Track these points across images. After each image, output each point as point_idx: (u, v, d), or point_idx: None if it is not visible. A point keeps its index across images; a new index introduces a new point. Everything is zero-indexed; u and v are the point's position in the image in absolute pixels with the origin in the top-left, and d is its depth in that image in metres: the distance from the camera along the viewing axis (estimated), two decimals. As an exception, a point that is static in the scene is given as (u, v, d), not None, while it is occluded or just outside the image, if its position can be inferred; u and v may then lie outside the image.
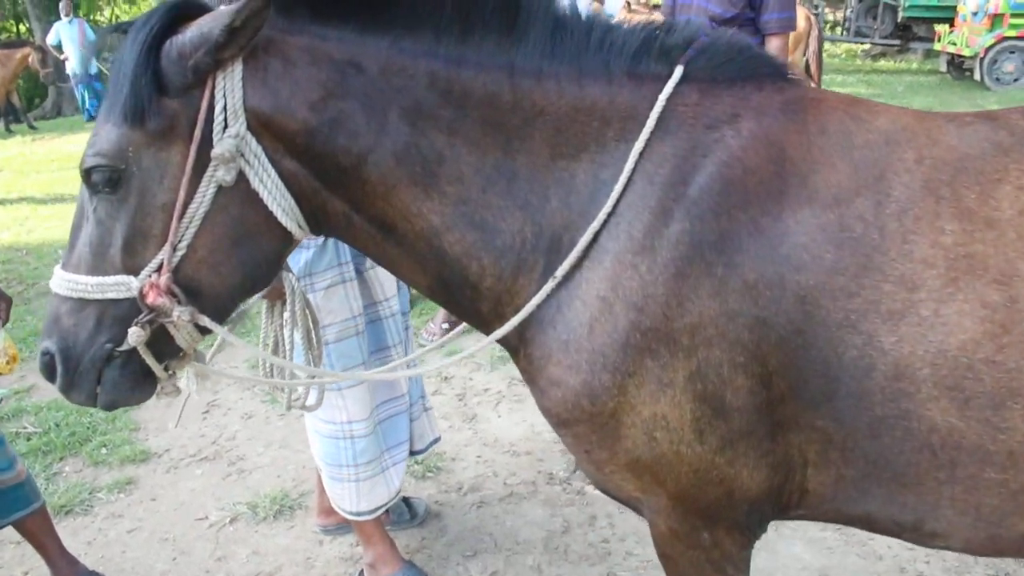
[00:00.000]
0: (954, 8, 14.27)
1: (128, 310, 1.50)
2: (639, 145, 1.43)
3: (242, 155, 1.46)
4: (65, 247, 1.57)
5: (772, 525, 1.67)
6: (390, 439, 2.85)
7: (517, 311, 1.51)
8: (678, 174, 1.41)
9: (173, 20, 1.46)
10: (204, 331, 1.55)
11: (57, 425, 4.14)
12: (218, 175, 1.45)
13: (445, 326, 4.95)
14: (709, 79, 1.48)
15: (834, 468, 1.44)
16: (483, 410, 4.15)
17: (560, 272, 1.46)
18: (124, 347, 1.52)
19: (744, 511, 1.52)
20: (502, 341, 1.57)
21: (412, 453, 3.02)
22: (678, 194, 1.41)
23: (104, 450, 3.93)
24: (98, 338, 1.52)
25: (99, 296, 1.50)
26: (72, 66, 16.13)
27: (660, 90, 1.45)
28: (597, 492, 3.45)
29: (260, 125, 1.47)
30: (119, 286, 1.48)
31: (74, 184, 9.93)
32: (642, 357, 1.40)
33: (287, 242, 1.58)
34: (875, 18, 15.96)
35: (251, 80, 1.45)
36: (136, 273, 1.48)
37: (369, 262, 2.70)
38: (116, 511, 3.47)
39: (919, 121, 1.44)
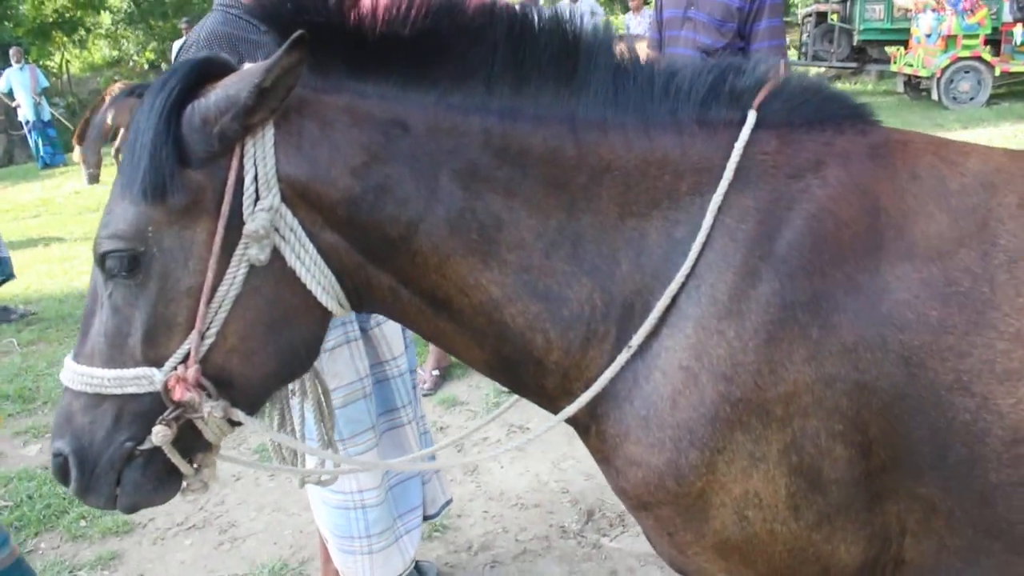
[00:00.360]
0: (907, 31, 14.56)
1: (150, 405, 1.35)
2: (717, 198, 1.31)
3: (276, 230, 1.31)
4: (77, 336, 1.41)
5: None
6: (402, 505, 2.68)
7: (587, 385, 1.37)
8: (763, 229, 1.29)
9: (194, 82, 1.31)
10: (235, 423, 1.39)
11: (30, 497, 3.89)
12: (250, 254, 1.31)
13: (436, 372, 4.79)
14: (786, 123, 1.36)
15: (936, 537, 1.32)
16: (484, 461, 3.98)
17: (636, 341, 1.32)
18: (146, 445, 1.37)
19: None
20: (570, 419, 1.43)
21: (425, 518, 2.85)
22: (764, 251, 1.28)
23: (83, 522, 3.68)
24: (117, 436, 1.37)
25: (117, 391, 1.34)
26: (24, 113, 15.84)
27: (735, 138, 1.33)
28: (613, 545, 3.32)
29: (296, 195, 1.32)
30: (140, 380, 1.33)
31: (28, 232, 9.62)
32: (732, 431, 1.27)
33: (327, 322, 1.43)
34: (831, 42, 16.21)
35: (284, 146, 1.31)
36: (159, 365, 1.33)
37: (375, 319, 2.55)
38: (101, 591, 3.23)
39: (1012, 160, 1.34)
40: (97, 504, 1.41)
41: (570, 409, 1.39)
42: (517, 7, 1.33)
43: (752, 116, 1.35)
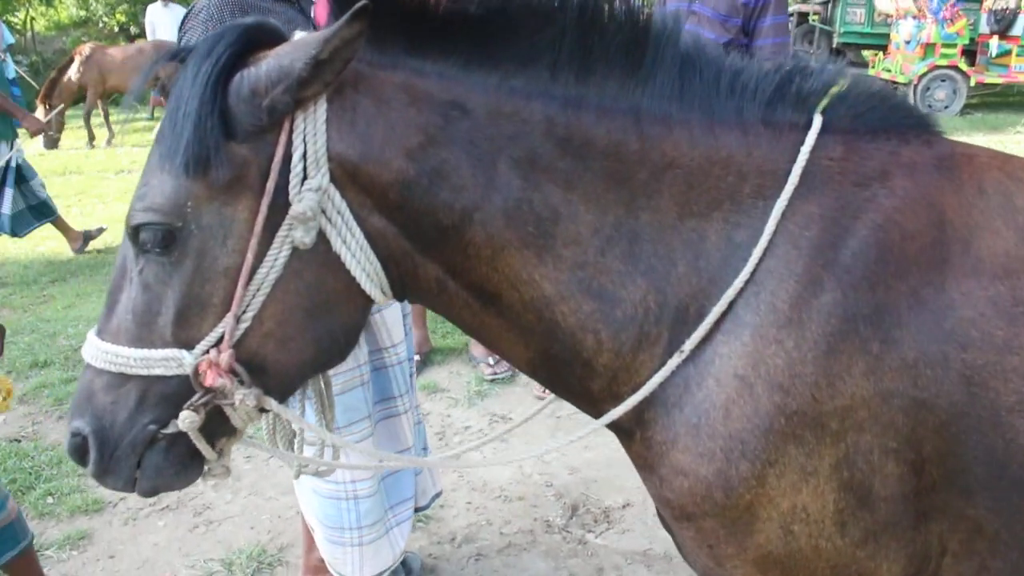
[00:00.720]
0: (887, 35, 14.70)
1: (178, 388, 1.27)
2: (782, 203, 1.25)
3: (323, 212, 1.24)
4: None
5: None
6: (394, 496, 2.61)
7: (635, 390, 1.31)
8: (827, 237, 1.24)
9: (243, 49, 1.22)
10: (264, 409, 1.32)
11: (-7, 470, 3.76)
12: (295, 236, 1.23)
13: (417, 358, 4.71)
14: (851, 130, 1.32)
15: (978, 559, 1.29)
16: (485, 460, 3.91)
17: (688, 346, 1.27)
18: (171, 429, 1.29)
19: None
20: (612, 423, 1.37)
21: (416, 510, 2.78)
22: (828, 260, 1.23)
23: (51, 499, 3.56)
24: (140, 419, 1.29)
25: (144, 372, 1.27)
26: (-12, 69, 15.30)
27: (800, 141, 1.28)
28: (599, 541, 3.29)
29: (346, 176, 1.24)
30: (169, 362, 1.25)
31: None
32: (786, 443, 1.23)
33: (368, 310, 1.36)
34: (811, 43, 16.33)
35: (336, 123, 1.23)
36: (190, 347, 1.25)
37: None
38: (69, 572, 3.12)
39: None
40: (115, 487, 1.34)
41: (616, 412, 1.33)
42: None
43: (818, 120, 1.30)
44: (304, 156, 1.22)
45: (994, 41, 13.46)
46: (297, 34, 1.29)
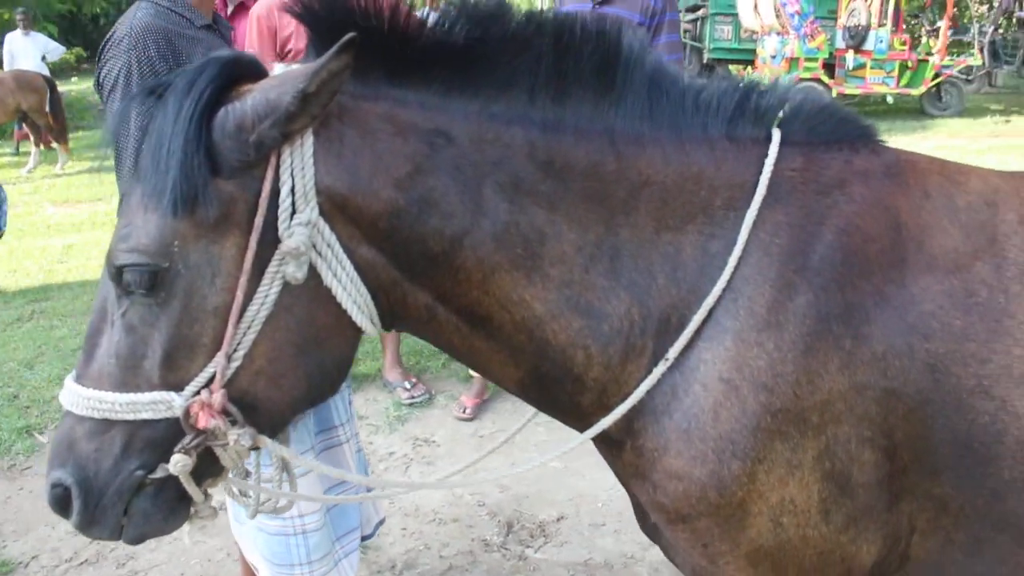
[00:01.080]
0: (753, 51, 15.47)
1: (166, 431, 1.26)
2: (752, 213, 1.33)
3: (313, 245, 1.24)
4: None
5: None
6: (340, 528, 2.57)
7: (624, 400, 1.37)
8: (796, 243, 1.33)
9: (224, 84, 1.21)
10: (254, 448, 1.30)
11: None
12: (287, 271, 1.23)
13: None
14: (807, 142, 1.41)
15: (943, 533, 1.40)
16: (394, 477, 3.89)
17: (672, 354, 1.33)
18: (159, 474, 1.27)
19: None
20: (599, 436, 1.42)
21: (362, 539, 2.74)
22: (798, 265, 1.32)
23: (-48, 564, 3.33)
24: (126, 465, 1.27)
25: (130, 416, 1.24)
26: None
27: (763, 154, 1.36)
28: (539, 556, 3.33)
29: (334, 208, 1.25)
30: (157, 405, 1.23)
31: None
32: (772, 440, 1.31)
33: (357, 342, 1.36)
34: (684, 59, 17.06)
35: (324, 155, 1.24)
36: (179, 389, 1.24)
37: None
38: (-16, 639, 2.93)
39: (1006, 181, 1.45)
40: (101, 536, 1.31)
41: (605, 422, 1.37)
42: (559, 15, 1.31)
43: (777, 134, 1.39)
44: (292, 190, 1.22)
45: (850, 55, 14.37)
46: (277, 67, 1.29)
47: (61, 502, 1.30)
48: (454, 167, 1.29)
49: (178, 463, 1.24)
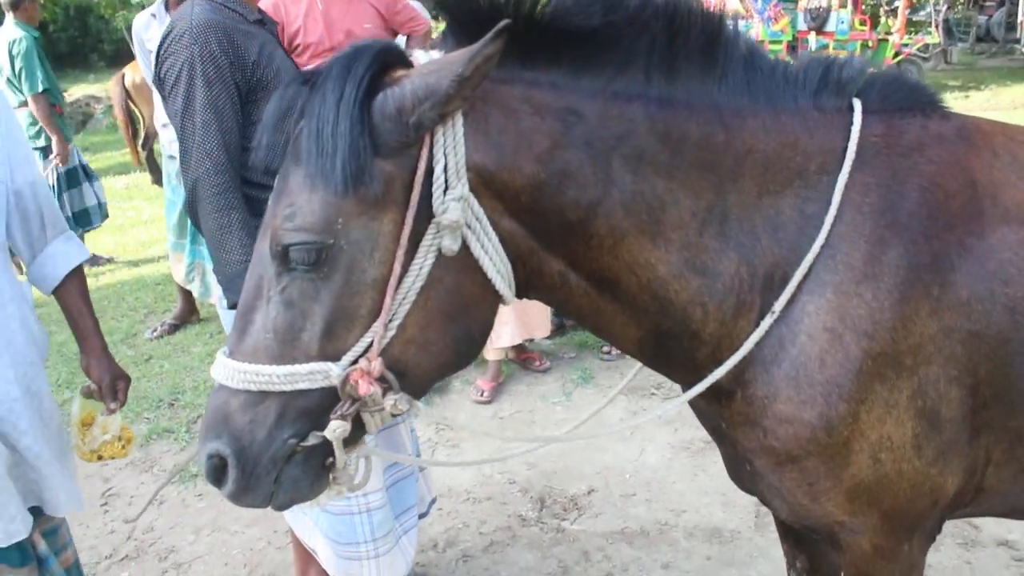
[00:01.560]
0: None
1: (320, 400, 1.32)
2: (844, 176, 1.44)
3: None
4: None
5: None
6: (398, 505, 2.63)
7: (735, 353, 1.46)
8: (885, 202, 1.44)
9: (380, 70, 1.29)
10: (394, 413, 1.37)
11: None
12: (443, 244, 1.31)
13: None
14: (884, 110, 1.52)
15: (1016, 464, 1.53)
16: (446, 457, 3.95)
17: (778, 307, 1.44)
18: (311, 441, 1.34)
19: (937, 517, 1.59)
20: (708, 389, 1.51)
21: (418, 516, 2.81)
22: (888, 221, 1.43)
23: (-10, 567, 3.32)
24: (280, 434, 1.33)
25: (287, 387, 1.30)
26: None
27: (848, 122, 1.47)
28: (576, 527, 3.41)
29: (481, 184, 1.33)
30: (315, 375, 1.30)
31: None
32: (872, 382, 1.42)
33: (497, 309, 1.45)
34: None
35: (472, 135, 1.32)
36: (336, 359, 1.30)
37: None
38: (36, 637, 2.93)
39: None
40: (252, 504, 1.37)
41: (719, 372, 1.47)
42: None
43: (858, 104, 1.50)
44: (445, 168, 1.29)
45: (812, 37, 14.65)
46: (419, 55, 1.35)
47: (217, 472, 1.36)
48: (586, 142, 1.37)
49: (336, 428, 1.31)
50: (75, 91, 21.24)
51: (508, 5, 1.33)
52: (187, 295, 5.76)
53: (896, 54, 15.00)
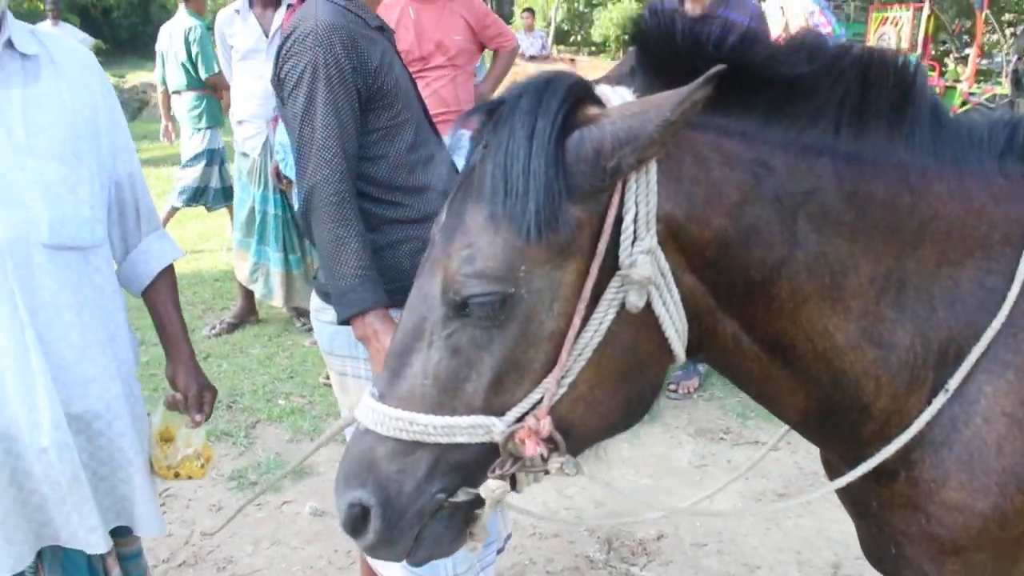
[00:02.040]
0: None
1: (476, 455, 1.23)
2: None
3: None
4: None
5: None
6: (480, 541, 2.53)
7: (904, 431, 1.36)
8: None
9: (573, 106, 1.18)
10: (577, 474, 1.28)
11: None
12: (628, 299, 1.21)
13: None
14: None
15: None
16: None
17: (953, 384, 1.33)
18: (460, 498, 1.25)
19: None
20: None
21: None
22: None
23: (47, 561, 3.26)
24: (429, 488, 1.25)
25: (444, 440, 1.22)
26: None
27: None
28: (645, 573, 3.28)
29: (669, 236, 1.23)
30: (476, 429, 1.21)
31: None
32: None
33: (667, 370, 1.35)
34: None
35: (664, 183, 1.22)
36: (500, 414, 1.21)
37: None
38: (92, 640, 2.85)
39: None
40: (388, 557, 1.30)
41: (888, 450, 1.36)
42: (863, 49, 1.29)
43: None
44: (635, 218, 1.20)
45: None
46: (605, 89, 1.26)
47: (356, 521, 1.27)
48: (774, 197, 1.27)
49: (496, 489, 1.22)
50: (132, 78, 21.63)
51: (708, 45, 1.23)
52: (248, 294, 5.73)
53: (964, 103, 14.71)
